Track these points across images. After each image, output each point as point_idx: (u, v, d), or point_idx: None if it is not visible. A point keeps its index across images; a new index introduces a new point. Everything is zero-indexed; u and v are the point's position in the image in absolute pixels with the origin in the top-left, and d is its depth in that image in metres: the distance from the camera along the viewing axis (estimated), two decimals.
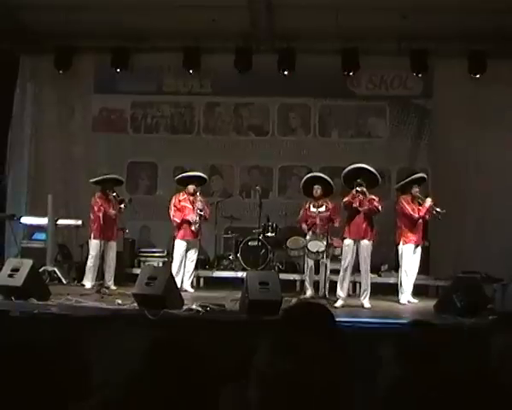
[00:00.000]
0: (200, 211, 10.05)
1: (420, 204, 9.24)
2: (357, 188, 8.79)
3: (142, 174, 12.72)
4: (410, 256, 9.25)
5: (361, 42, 11.39)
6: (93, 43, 12.00)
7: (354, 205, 8.86)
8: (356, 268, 9.09)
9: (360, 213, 8.87)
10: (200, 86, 12.57)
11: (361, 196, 8.83)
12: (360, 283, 9.25)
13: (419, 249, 9.42)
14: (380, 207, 8.89)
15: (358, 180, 8.84)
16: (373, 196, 8.90)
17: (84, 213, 11.21)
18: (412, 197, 9.30)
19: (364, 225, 8.87)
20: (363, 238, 8.86)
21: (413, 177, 9.54)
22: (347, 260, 8.88)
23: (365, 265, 8.91)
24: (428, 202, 9.21)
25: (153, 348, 1.57)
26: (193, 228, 10.03)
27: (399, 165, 12.02)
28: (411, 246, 9.27)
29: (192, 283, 10.26)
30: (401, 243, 9.27)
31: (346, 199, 8.94)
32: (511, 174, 11.43)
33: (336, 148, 12.31)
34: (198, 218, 10.05)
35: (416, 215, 9.21)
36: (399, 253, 9.33)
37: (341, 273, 8.92)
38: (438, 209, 9.14)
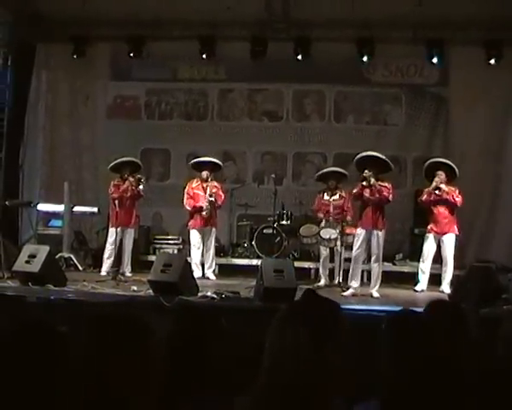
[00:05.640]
0: (210, 197, 9.97)
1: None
2: (363, 183, 8.73)
3: (155, 161, 12.70)
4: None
5: (376, 29, 11.33)
6: (109, 32, 11.97)
7: (364, 196, 8.78)
8: (368, 258, 9.03)
9: (372, 204, 8.78)
10: (214, 73, 12.49)
11: (370, 187, 8.75)
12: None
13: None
14: (390, 197, 8.78)
15: (366, 172, 8.72)
16: (385, 185, 8.77)
17: (97, 200, 11.29)
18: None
19: (376, 215, 8.76)
20: (376, 228, 8.78)
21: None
22: (358, 250, 8.82)
23: (377, 255, 8.82)
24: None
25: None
26: (204, 213, 9.95)
27: (415, 153, 11.94)
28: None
29: (214, 271, 10.27)
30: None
31: (355, 191, 8.86)
32: None
33: (351, 134, 12.18)
34: (208, 204, 9.95)
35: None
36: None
37: (352, 263, 8.88)
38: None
